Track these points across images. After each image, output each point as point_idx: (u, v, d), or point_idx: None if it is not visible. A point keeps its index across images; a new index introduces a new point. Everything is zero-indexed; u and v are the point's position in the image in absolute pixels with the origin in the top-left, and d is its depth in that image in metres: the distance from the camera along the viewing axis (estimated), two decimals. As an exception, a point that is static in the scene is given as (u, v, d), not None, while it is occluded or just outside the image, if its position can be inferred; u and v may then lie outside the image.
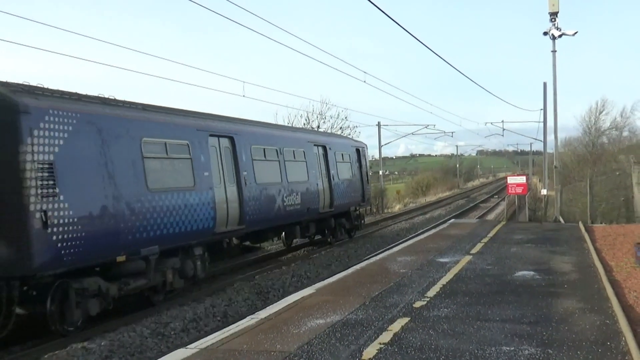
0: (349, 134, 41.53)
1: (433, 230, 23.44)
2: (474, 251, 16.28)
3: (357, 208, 25.39)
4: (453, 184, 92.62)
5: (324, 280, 13.09)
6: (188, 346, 8.25)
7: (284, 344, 7.94)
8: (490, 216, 39.62)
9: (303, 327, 8.81)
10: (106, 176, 11.32)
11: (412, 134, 55.02)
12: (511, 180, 29.24)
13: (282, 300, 11.04)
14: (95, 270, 11.39)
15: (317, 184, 20.82)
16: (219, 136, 15.37)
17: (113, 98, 12.67)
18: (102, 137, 11.38)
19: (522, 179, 29.19)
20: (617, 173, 35.46)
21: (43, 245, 9.84)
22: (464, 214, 40.28)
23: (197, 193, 13.81)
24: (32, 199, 9.73)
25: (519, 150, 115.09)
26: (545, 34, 30.67)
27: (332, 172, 22.16)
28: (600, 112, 62.13)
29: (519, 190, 28.45)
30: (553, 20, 30.11)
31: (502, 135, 62.44)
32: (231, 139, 15.86)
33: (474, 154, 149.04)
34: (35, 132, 9.98)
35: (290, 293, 12.75)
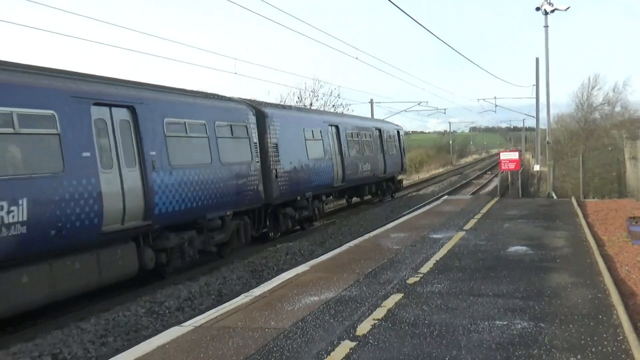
0: (342, 112, 41.44)
1: (426, 207, 23.49)
2: (467, 227, 16.34)
3: (397, 175, 33.97)
4: (446, 160, 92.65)
5: (318, 257, 13.13)
6: (183, 324, 8.28)
7: (279, 321, 7.97)
8: (484, 192, 39.73)
9: (297, 304, 8.85)
10: (293, 151, 19.38)
11: (405, 111, 55.15)
12: (504, 156, 29.32)
13: (276, 277, 11.08)
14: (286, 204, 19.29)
15: (377, 157, 29.10)
16: (331, 125, 23.62)
17: (288, 104, 23.01)
18: (290, 128, 19.42)
19: (515, 155, 29.28)
20: (609, 148, 35.59)
21: (275, 188, 17.91)
22: (457, 190, 40.36)
23: (325, 161, 22.19)
24: (271, 163, 17.81)
25: (512, 127, 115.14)
26: (537, 9, 30.54)
27: (385, 147, 30.33)
28: (593, 88, 62.10)
29: (512, 166, 28.55)
30: (546, -6, 29.96)
31: (495, 112, 62.82)
32: (337, 127, 24.10)
33: (467, 131, 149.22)
34: (271, 127, 18.01)
35: (284, 271, 12.77)
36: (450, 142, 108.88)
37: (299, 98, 42.32)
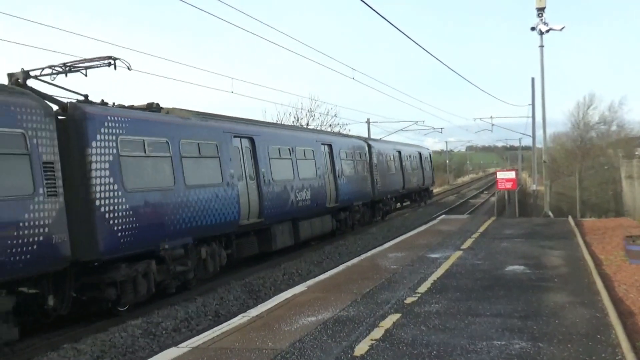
0: (339, 131, 41.61)
1: (424, 227, 23.48)
2: (464, 247, 16.33)
3: (429, 187, 44.12)
4: (443, 180, 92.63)
5: (315, 277, 13.09)
6: (179, 345, 8.24)
7: (276, 342, 7.93)
8: (481, 212, 39.72)
9: (295, 324, 8.81)
10: (382, 168, 29.91)
11: (402, 130, 55.32)
12: (501, 175, 29.35)
13: (274, 298, 11.04)
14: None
15: (419, 172, 39.72)
16: (397, 151, 34.32)
17: (375, 138, 39.94)
18: (381, 153, 30.30)
19: (511, 174, 29.30)
20: (606, 167, 35.69)
21: (376, 190, 28.78)
22: (454, 210, 40.34)
23: (395, 175, 32.88)
24: (374, 175, 28.48)
25: (508, 146, 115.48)
26: (532, 29, 30.76)
27: (423, 165, 40.83)
28: (589, 107, 62.18)
29: (509, 185, 28.57)
30: (540, 15, 30.20)
31: (491, 131, 62.93)
32: (399, 152, 34.49)
33: (464, 150, 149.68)
34: (373, 154, 28.94)
35: (281, 291, 12.72)
36: (447, 161, 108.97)
37: (295, 117, 42.50)
